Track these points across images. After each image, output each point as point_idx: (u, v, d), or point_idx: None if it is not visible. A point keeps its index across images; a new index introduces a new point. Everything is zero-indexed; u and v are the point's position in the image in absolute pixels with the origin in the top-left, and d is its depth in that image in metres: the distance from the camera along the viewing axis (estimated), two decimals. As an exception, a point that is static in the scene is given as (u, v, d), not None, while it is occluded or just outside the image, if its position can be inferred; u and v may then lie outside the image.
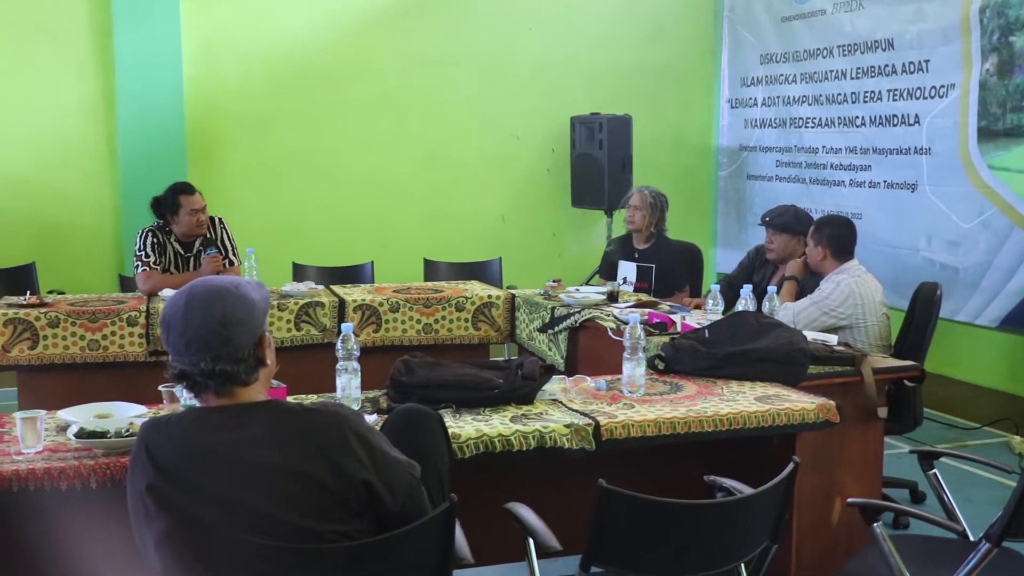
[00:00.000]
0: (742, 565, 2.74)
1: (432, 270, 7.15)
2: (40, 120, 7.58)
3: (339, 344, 3.28)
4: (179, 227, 5.64)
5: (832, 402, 3.43)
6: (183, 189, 5.65)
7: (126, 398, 3.41)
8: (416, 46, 8.22)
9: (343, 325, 3.31)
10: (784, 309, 4.65)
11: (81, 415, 3.11)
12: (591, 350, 5.03)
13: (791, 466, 2.65)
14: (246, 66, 7.89)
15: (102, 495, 2.77)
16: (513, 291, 5.89)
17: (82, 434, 2.87)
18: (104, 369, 5.18)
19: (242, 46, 7.88)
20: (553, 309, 5.32)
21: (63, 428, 3.05)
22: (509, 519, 2.79)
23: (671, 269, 6.00)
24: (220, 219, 5.83)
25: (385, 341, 5.44)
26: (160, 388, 3.21)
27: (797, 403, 3.43)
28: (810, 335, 4.10)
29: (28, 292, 5.65)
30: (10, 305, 5.21)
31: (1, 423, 3.13)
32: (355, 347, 3.28)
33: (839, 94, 7.54)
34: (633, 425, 3.21)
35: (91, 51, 7.64)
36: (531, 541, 2.69)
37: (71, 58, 7.62)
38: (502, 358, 5.82)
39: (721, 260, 8.81)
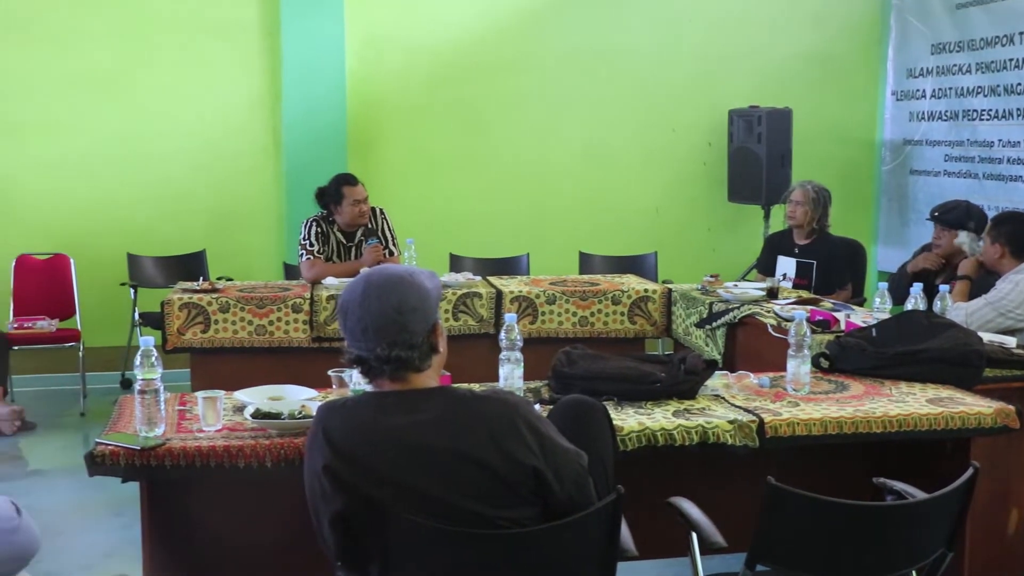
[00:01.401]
0: (914, 572, 2.65)
1: (587, 263, 7.15)
2: (211, 114, 7.91)
3: (503, 334, 3.31)
4: (342, 217, 5.79)
5: (1011, 407, 3.28)
6: (346, 180, 5.79)
7: (290, 382, 3.50)
8: (575, 38, 8.23)
9: (507, 316, 3.33)
10: (956, 309, 4.47)
11: (255, 396, 3.22)
12: (750, 347, 4.95)
13: (970, 471, 2.55)
14: (407, 60, 8.05)
15: (276, 473, 2.87)
16: (669, 285, 5.84)
17: (258, 415, 2.98)
18: (270, 353, 5.36)
19: (403, 40, 8.04)
20: (711, 304, 5.25)
21: (239, 408, 3.17)
22: (669, 513, 2.77)
23: (833, 266, 5.85)
24: (381, 210, 5.95)
25: (541, 333, 5.47)
26: (329, 372, 3.30)
27: (972, 407, 3.29)
28: (986, 337, 3.93)
29: (201, 278, 5.90)
30: (185, 290, 5.45)
31: (183, 402, 3.28)
32: (518, 337, 3.30)
33: (1019, 84, 7.20)
34: (798, 423, 3.15)
35: (260, 48, 7.93)
36: (694, 536, 2.66)
37: (241, 55, 7.92)
38: (656, 353, 5.77)
39: (883, 258, 8.54)
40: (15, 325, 6.36)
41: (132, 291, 6.86)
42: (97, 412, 6.39)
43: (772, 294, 5.21)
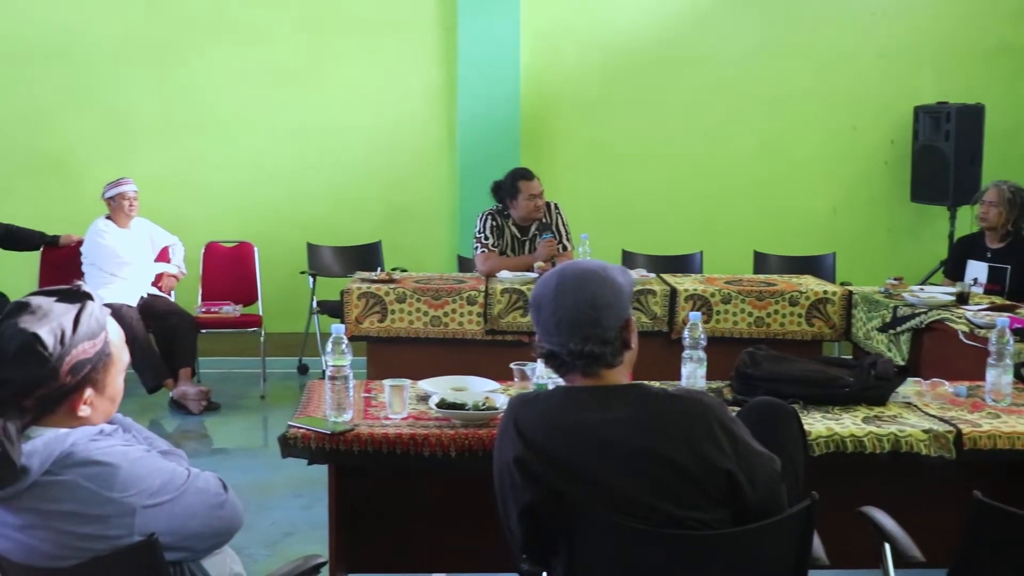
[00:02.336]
0: None
1: (762, 262, 6.99)
2: (389, 109, 8.10)
3: (686, 332, 3.26)
4: (517, 211, 5.82)
5: None
6: (522, 174, 5.82)
7: (463, 373, 3.52)
8: (753, 33, 8.08)
9: (691, 314, 3.28)
10: None
11: (439, 386, 3.27)
12: (937, 353, 4.74)
13: None
14: (582, 55, 8.05)
15: (459, 463, 2.90)
16: (849, 287, 5.65)
17: (443, 405, 3.01)
18: (443, 344, 5.44)
19: (579, 35, 8.04)
20: (895, 308, 5.05)
21: (423, 397, 3.22)
22: (859, 522, 2.67)
23: (1029, 271, 5.54)
24: (556, 204, 5.96)
25: (715, 333, 5.36)
26: (512, 365, 3.31)
27: None
28: None
29: (379, 268, 6.03)
30: (363, 280, 5.58)
31: (368, 389, 3.36)
32: (702, 336, 3.25)
33: None
34: (1000, 436, 2.99)
35: (436, 43, 8.06)
36: (887, 548, 2.55)
37: (418, 50, 8.07)
38: (833, 356, 5.59)
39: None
40: (203, 310, 6.63)
41: (311, 279, 7.07)
42: (276, 395, 6.62)
43: (962, 299, 4.98)
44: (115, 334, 2.05)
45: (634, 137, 8.07)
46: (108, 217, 6.53)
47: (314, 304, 6.95)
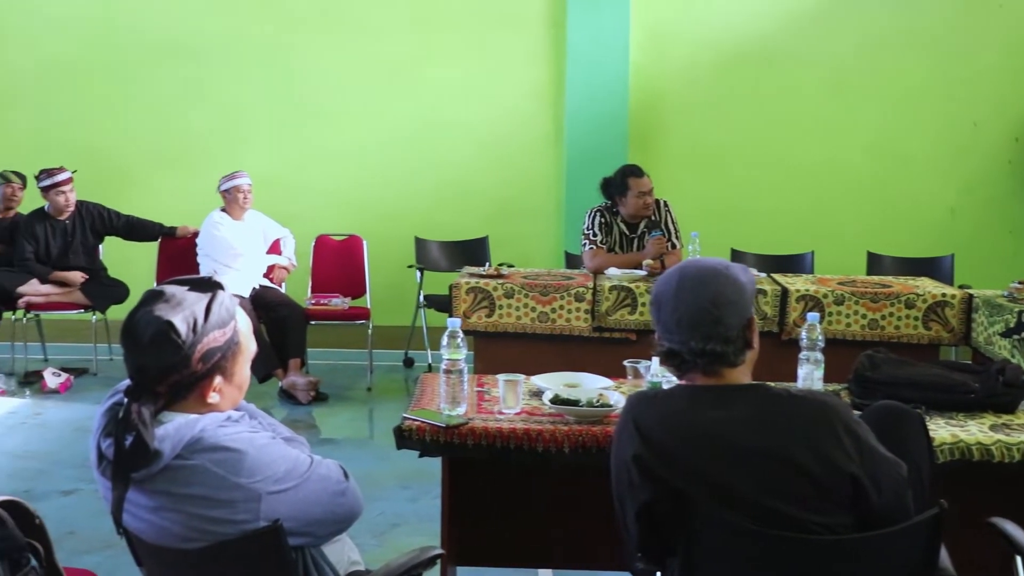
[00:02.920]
0: None
1: (876, 264, 6.83)
2: (496, 104, 8.13)
3: (803, 333, 3.20)
4: (626, 208, 5.78)
5: None
6: (632, 171, 5.77)
7: (569, 370, 3.51)
8: (869, 27, 7.90)
9: (809, 315, 3.21)
10: None
11: (552, 382, 3.26)
12: (1065, 360, 4.57)
13: None
14: (691, 52, 7.97)
15: (573, 460, 2.89)
16: (969, 291, 5.48)
17: (557, 400, 3.01)
18: (550, 340, 5.42)
19: (688, 32, 7.97)
20: (1020, 313, 4.87)
21: (535, 393, 3.22)
22: (985, 533, 2.58)
23: None
24: (665, 202, 5.90)
25: (828, 334, 5.14)
26: (625, 363, 3.29)
27: None
28: None
29: (487, 264, 6.05)
30: (471, 275, 5.60)
31: (480, 383, 3.37)
32: (820, 337, 3.18)
33: None
34: None
35: (545, 39, 8.06)
36: (1019, 560, 2.46)
37: (527, 46, 8.09)
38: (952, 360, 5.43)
39: None
40: (312, 301, 6.75)
41: (418, 273, 7.14)
42: (382, 388, 6.70)
43: (1091, 305, 4.79)
44: (243, 323, 2.09)
45: (743, 134, 7.96)
46: (223, 209, 6.68)
47: (421, 298, 7.02)
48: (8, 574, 2.29)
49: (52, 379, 6.50)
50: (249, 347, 2.10)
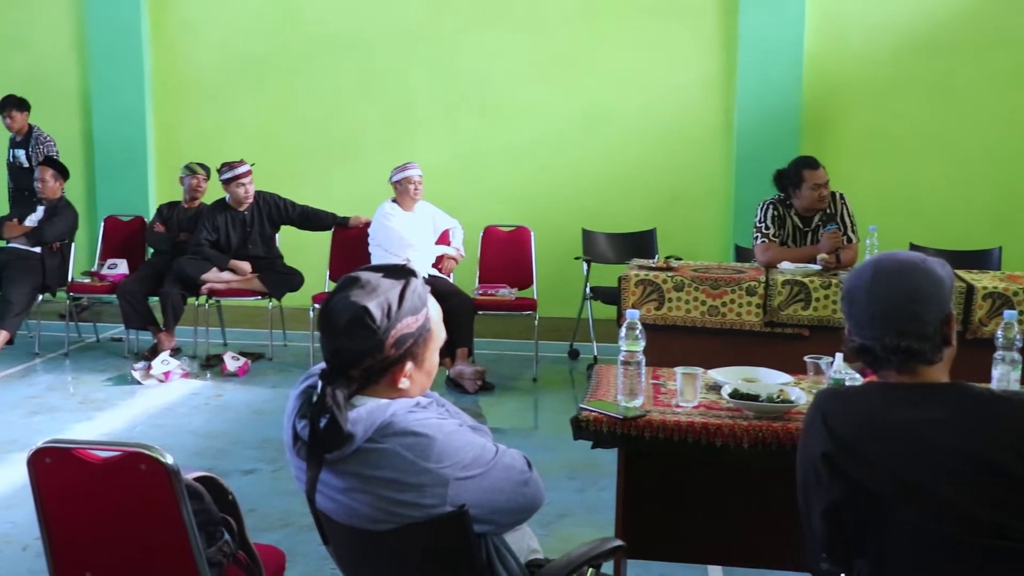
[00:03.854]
0: None
1: (1070, 260, 6.47)
2: (664, 94, 8.05)
3: (999, 332, 3.05)
4: (800, 201, 5.63)
5: None
6: (808, 163, 5.62)
7: (739, 364, 3.45)
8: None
9: (1006, 312, 3.07)
10: None
11: (730, 376, 3.21)
12: None
13: None
14: (870, 38, 7.71)
15: (752, 456, 2.83)
16: None
17: (736, 395, 2.95)
18: (719, 334, 5.32)
19: (868, 17, 7.70)
20: None
21: (712, 387, 3.17)
22: None
23: None
24: (841, 195, 5.72)
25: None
26: (806, 359, 3.21)
27: None
28: None
29: (656, 256, 6.00)
30: (640, 267, 5.56)
31: (656, 376, 3.34)
32: (1018, 337, 3.02)
33: None
34: None
35: (716, 28, 7.93)
36: None
37: (696, 35, 7.98)
38: None
39: None
40: (480, 291, 6.82)
41: (585, 265, 7.13)
42: (547, 379, 6.73)
43: None
44: (435, 311, 2.12)
45: (924, 124, 7.65)
46: (394, 200, 6.82)
47: (587, 290, 7.01)
48: (204, 546, 2.40)
49: (231, 363, 6.78)
50: (439, 334, 2.14)
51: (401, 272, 2.06)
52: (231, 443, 5.38)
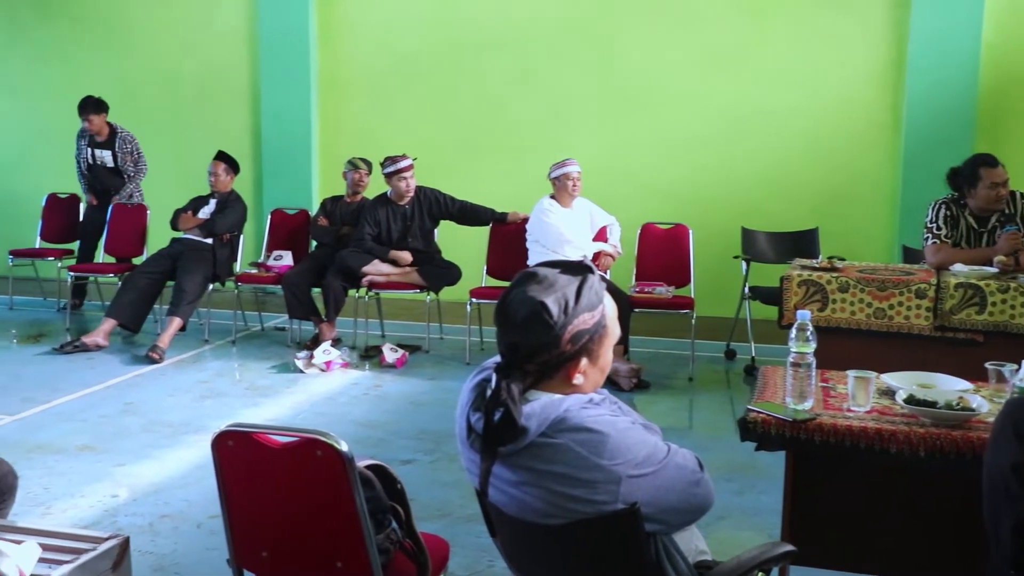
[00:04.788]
0: None
1: None
2: (829, 89, 7.85)
3: None
4: (975, 200, 5.39)
5: None
6: (985, 160, 5.37)
7: (907, 369, 3.32)
8: None
9: None
10: None
11: (904, 381, 3.09)
12: None
13: None
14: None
15: (928, 464, 2.73)
16: None
17: (912, 401, 2.85)
18: (885, 337, 5.15)
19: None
20: None
21: (885, 392, 3.06)
22: None
23: None
24: (1021, 194, 5.46)
25: None
26: (987, 365, 3.07)
27: None
28: None
29: (819, 256, 5.85)
30: (804, 267, 5.43)
31: (825, 378, 3.25)
32: None
33: None
34: None
35: (884, 20, 7.69)
36: None
37: (863, 27, 7.75)
38: None
39: None
40: (636, 289, 6.78)
41: (744, 264, 7.00)
42: (703, 379, 6.64)
43: None
44: (610, 308, 2.11)
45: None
46: (552, 196, 6.84)
47: (746, 289, 6.88)
48: (373, 532, 2.45)
49: (390, 354, 6.92)
50: (614, 332, 2.12)
51: (579, 268, 2.06)
52: (390, 433, 5.49)
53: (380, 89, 9.07)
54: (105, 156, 8.52)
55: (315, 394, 6.24)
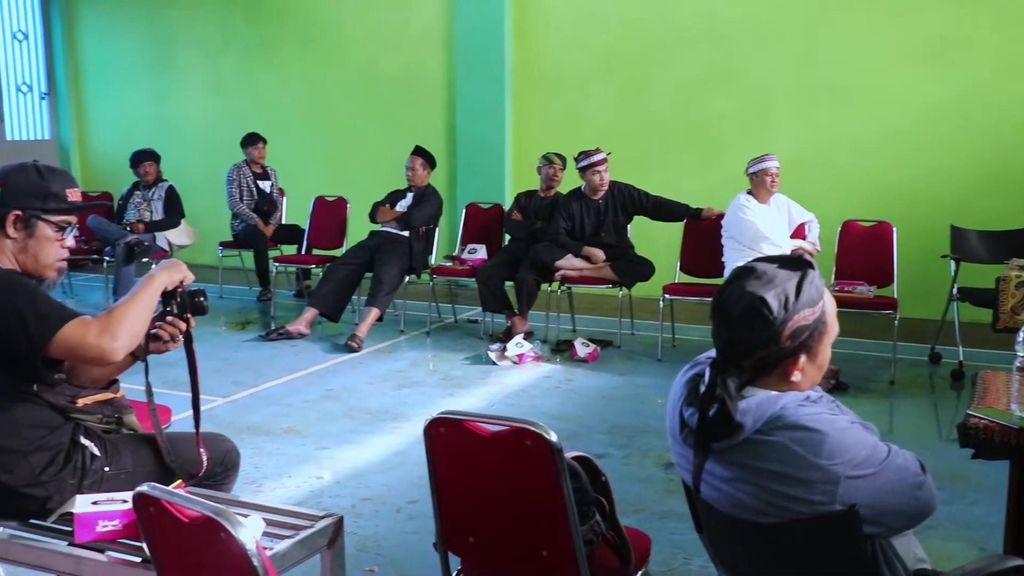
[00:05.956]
0: None
1: None
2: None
3: None
4: None
5: None
6: None
7: None
8: None
9: None
10: None
11: None
12: None
13: None
14: None
15: None
16: None
17: None
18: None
19: None
20: None
21: None
22: None
23: None
24: None
25: None
26: None
27: None
28: None
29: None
30: (1022, 268, 5.15)
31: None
32: None
33: None
34: None
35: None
36: None
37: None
38: None
39: None
40: (836, 288, 6.56)
41: (952, 264, 6.67)
42: (905, 383, 6.38)
43: None
44: (830, 304, 2.05)
45: None
46: (749, 192, 6.71)
47: (954, 290, 6.55)
48: (578, 524, 2.46)
49: (581, 349, 6.94)
50: (834, 328, 2.07)
51: (798, 263, 2.01)
52: (582, 427, 5.50)
53: (574, 84, 9.10)
54: (264, 185, 9.19)
55: (508, 386, 6.32)
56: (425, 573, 3.71)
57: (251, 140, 9.11)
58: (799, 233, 6.85)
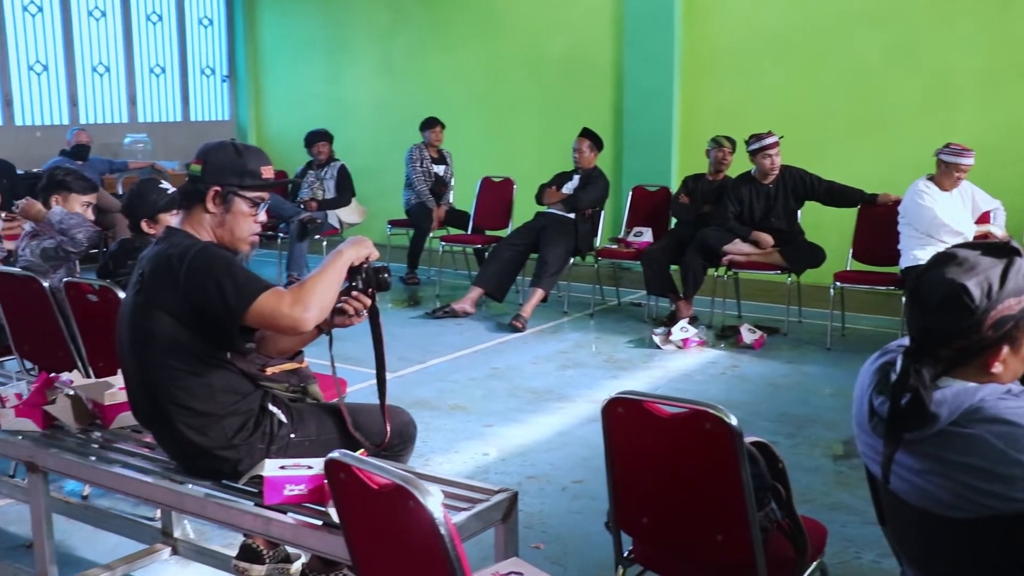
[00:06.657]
0: None
1: None
2: None
3: None
4: None
5: None
6: None
7: None
8: None
9: None
10: None
11: None
12: None
13: None
14: None
15: None
16: None
17: None
18: None
19: None
20: None
21: None
22: None
23: None
24: None
25: None
26: None
27: None
28: None
29: None
30: None
31: None
32: None
33: None
34: None
35: None
36: None
37: None
38: None
39: None
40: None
41: None
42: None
43: None
44: None
45: None
46: (930, 178, 6.45)
47: None
48: (755, 509, 2.43)
49: (748, 335, 6.83)
50: None
51: (1005, 250, 1.92)
52: (749, 414, 5.41)
53: (745, 66, 8.92)
54: (439, 170, 9.28)
55: (672, 370, 6.28)
56: (591, 552, 3.73)
57: (429, 124, 9.25)
58: (983, 221, 6.55)
